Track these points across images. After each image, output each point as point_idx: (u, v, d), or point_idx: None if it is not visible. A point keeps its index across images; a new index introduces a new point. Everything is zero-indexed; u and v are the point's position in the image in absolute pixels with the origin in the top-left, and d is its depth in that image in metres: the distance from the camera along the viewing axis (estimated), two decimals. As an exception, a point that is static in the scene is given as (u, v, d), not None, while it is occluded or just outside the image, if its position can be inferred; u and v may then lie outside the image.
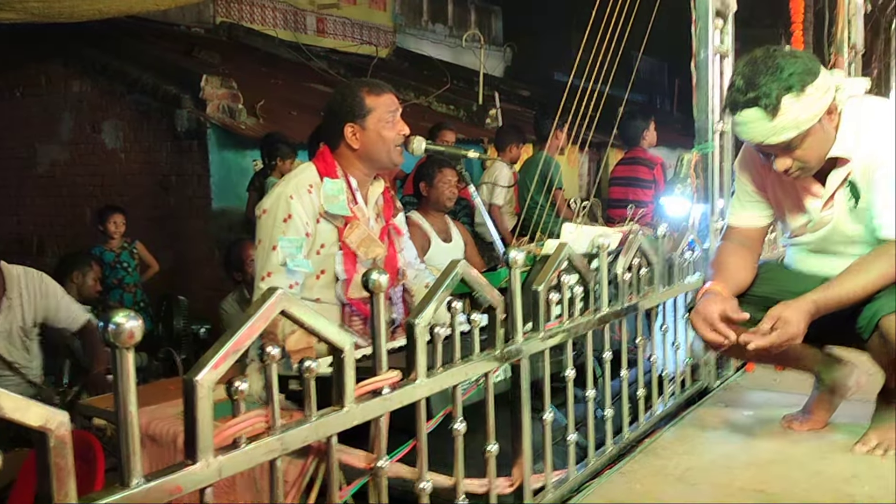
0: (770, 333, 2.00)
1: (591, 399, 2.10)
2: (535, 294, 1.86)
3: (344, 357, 1.31)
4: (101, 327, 1.00)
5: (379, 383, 1.39)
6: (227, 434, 1.13)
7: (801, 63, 1.99)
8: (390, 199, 2.63)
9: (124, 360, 0.99)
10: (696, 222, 2.92)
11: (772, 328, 2.00)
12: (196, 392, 1.07)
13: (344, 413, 1.32)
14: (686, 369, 2.76)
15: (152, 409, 2.40)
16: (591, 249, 2.48)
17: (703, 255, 2.82)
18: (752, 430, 2.43)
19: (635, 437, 2.35)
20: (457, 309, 1.59)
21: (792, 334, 1.98)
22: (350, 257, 2.40)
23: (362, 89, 2.46)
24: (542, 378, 1.91)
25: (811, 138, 2.03)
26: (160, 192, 6.73)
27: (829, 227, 2.21)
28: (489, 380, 1.69)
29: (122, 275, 5.69)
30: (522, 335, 1.80)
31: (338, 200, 2.38)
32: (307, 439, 1.27)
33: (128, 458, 0.99)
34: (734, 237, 2.38)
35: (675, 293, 2.61)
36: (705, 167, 2.95)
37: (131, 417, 0.99)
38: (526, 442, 1.80)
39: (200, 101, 6.41)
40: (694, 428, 2.49)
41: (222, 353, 1.11)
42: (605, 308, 2.17)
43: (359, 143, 2.43)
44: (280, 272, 2.30)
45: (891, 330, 1.98)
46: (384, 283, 1.38)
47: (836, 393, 2.37)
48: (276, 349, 1.21)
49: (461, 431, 1.59)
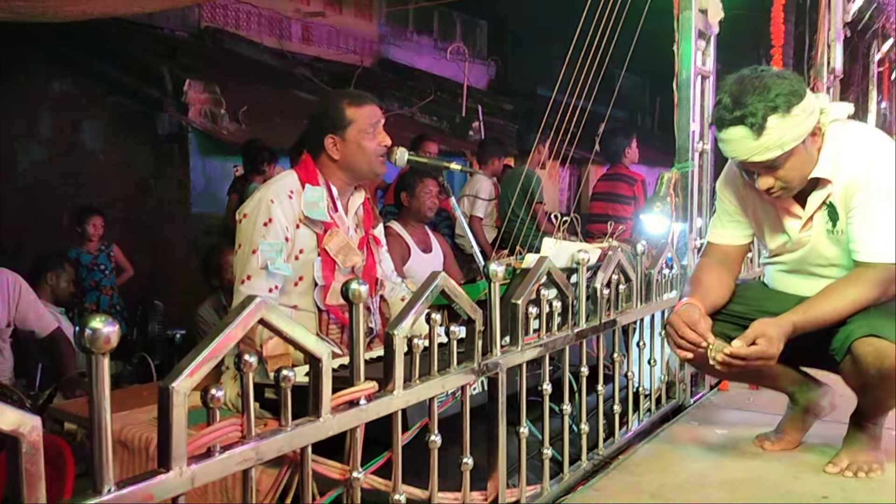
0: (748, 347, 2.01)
1: (566, 414, 2.10)
2: (513, 307, 1.86)
3: (321, 366, 1.30)
4: (76, 332, 0.98)
5: (356, 394, 1.38)
6: (201, 442, 1.12)
7: (788, 84, 2.02)
8: (370, 210, 2.64)
9: (100, 366, 0.98)
10: (674, 240, 2.94)
11: (752, 343, 2.01)
12: (171, 399, 1.06)
13: (320, 423, 1.31)
14: (661, 386, 2.78)
15: (125, 415, 2.38)
16: (570, 264, 2.49)
17: (681, 273, 2.85)
18: (726, 449, 2.45)
19: (610, 454, 2.35)
20: (435, 321, 1.59)
21: (769, 352, 2.00)
22: (329, 264, 2.40)
23: (344, 100, 2.47)
24: (519, 392, 1.91)
25: (794, 158, 2.06)
26: (138, 194, 6.68)
27: (807, 248, 2.24)
28: (466, 393, 1.69)
29: (99, 277, 5.63)
30: (500, 348, 1.80)
31: (318, 207, 2.39)
32: (282, 449, 1.26)
33: (100, 464, 0.98)
34: (713, 254, 2.40)
35: (652, 310, 2.62)
36: (685, 186, 2.97)
37: (105, 424, 0.98)
38: (501, 456, 1.80)
39: (182, 105, 6.39)
40: (668, 445, 2.50)
41: (199, 361, 1.10)
42: (582, 323, 2.18)
43: (339, 153, 2.43)
44: (260, 275, 2.30)
45: (862, 353, 2.01)
46: (363, 294, 1.38)
47: (809, 413, 2.40)
48: (252, 357, 1.20)
49: (437, 444, 1.58)
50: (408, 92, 10.01)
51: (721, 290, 2.31)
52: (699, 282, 2.31)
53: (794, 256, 2.28)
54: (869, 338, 2.00)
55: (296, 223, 2.38)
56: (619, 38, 3.36)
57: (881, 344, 1.98)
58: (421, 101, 9.47)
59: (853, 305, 2.05)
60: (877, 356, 1.99)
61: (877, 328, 2.00)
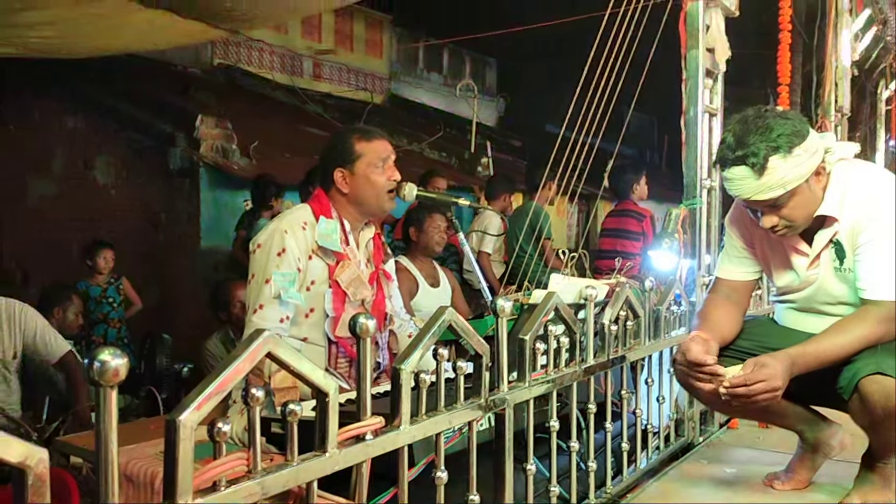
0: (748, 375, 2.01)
1: (574, 451, 2.09)
2: (521, 343, 1.86)
3: (328, 401, 1.30)
4: (85, 364, 0.99)
5: (362, 429, 1.38)
6: (207, 476, 1.12)
7: (791, 125, 2.04)
8: (381, 245, 2.66)
9: (107, 399, 0.98)
10: (682, 276, 2.94)
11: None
12: (178, 432, 1.06)
13: (326, 458, 1.30)
14: (670, 424, 2.76)
15: (131, 449, 2.37)
16: (578, 300, 2.49)
17: (689, 309, 2.84)
18: (735, 488, 2.42)
19: (618, 492, 2.33)
20: (443, 356, 1.59)
21: (768, 380, 1.98)
22: (339, 296, 2.41)
23: (353, 135, 2.51)
24: (526, 428, 1.90)
25: (798, 198, 2.06)
26: (149, 228, 6.73)
27: (815, 286, 2.24)
28: (473, 429, 1.68)
29: (108, 310, 5.65)
30: (507, 384, 1.80)
31: (332, 238, 2.42)
32: (287, 484, 1.25)
33: (107, 497, 0.98)
34: (721, 290, 2.40)
35: (660, 346, 2.61)
36: (693, 222, 2.98)
37: (112, 457, 0.98)
38: (508, 493, 1.79)
39: (194, 140, 6.45)
40: (677, 483, 2.48)
41: (206, 394, 1.10)
42: (590, 359, 2.17)
43: (348, 187, 2.46)
44: (272, 305, 2.31)
45: (869, 392, 1.99)
46: (371, 328, 1.38)
47: (819, 452, 2.37)
48: (260, 391, 1.20)
49: (443, 480, 1.57)
50: (417, 128, 10.08)
51: (730, 326, 2.30)
52: (706, 316, 2.31)
53: (803, 294, 2.28)
54: (876, 376, 1.99)
55: (308, 254, 2.40)
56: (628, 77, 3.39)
57: (888, 382, 1.97)
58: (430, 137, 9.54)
59: (859, 343, 2.04)
60: (883, 395, 1.98)
61: (884, 366, 1.98)
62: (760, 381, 1.98)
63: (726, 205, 3.04)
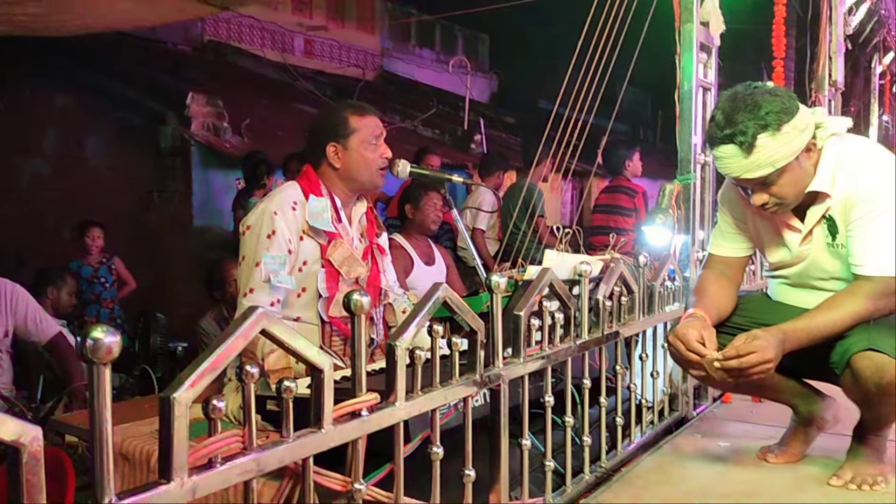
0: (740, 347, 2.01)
1: (569, 426, 2.10)
2: (516, 319, 1.86)
3: (323, 378, 1.30)
4: (78, 342, 0.98)
5: (357, 405, 1.38)
6: (202, 453, 1.12)
7: (780, 102, 2.03)
8: (374, 219, 2.64)
9: (101, 377, 0.98)
10: (676, 252, 2.94)
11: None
12: (172, 410, 1.06)
13: (321, 434, 1.31)
14: (664, 398, 2.77)
15: (126, 428, 2.38)
16: (572, 276, 2.49)
17: (683, 285, 2.84)
18: (728, 461, 2.44)
19: (613, 466, 2.34)
20: (437, 332, 1.59)
21: (760, 352, 1.98)
22: (332, 275, 2.39)
23: (347, 110, 2.48)
24: (521, 404, 1.90)
25: (788, 175, 2.06)
26: (142, 208, 6.70)
27: (807, 261, 2.24)
28: (468, 404, 1.69)
29: (100, 290, 5.64)
30: (503, 360, 1.80)
31: (322, 217, 2.39)
32: (283, 460, 1.25)
33: (101, 475, 0.98)
34: (715, 266, 2.41)
35: (655, 322, 2.62)
36: (687, 198, 2.97)
37: (106, 435, 0.98)
38: (503, 468, 1.79)
39: (185, 119, 6.40)
40: (671, 457, 2.49)
41: (200, 371, 1.10)
42: (585, 335, 2.18)
43: (341, 162, 2.44)
44: (263, 289, 2.29)
45: (861, 367, 2.00)
46: (366, 305, 1.38)
47: (812, 426, 2.39)
48: (254, 368, 1.20)
49: (439, 455, 1.58)
50: (410, 105, 10.04)
51: (725, 301, 2.31)
52: (703, 293, 2.32)
53: (795, 270, 2.29)
54: (868, 352, 1.99)
55: (299, 235, 2.37)
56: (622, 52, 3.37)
57: (880, 358, 1.98)
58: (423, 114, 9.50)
59: (851, 319, 2.05)
60: (875, 371, 1.99)
61: (875, 342, 1.99)
62: (752, 352, 1.99)
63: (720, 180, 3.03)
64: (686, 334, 2.11)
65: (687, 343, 2.11)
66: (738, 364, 2.01)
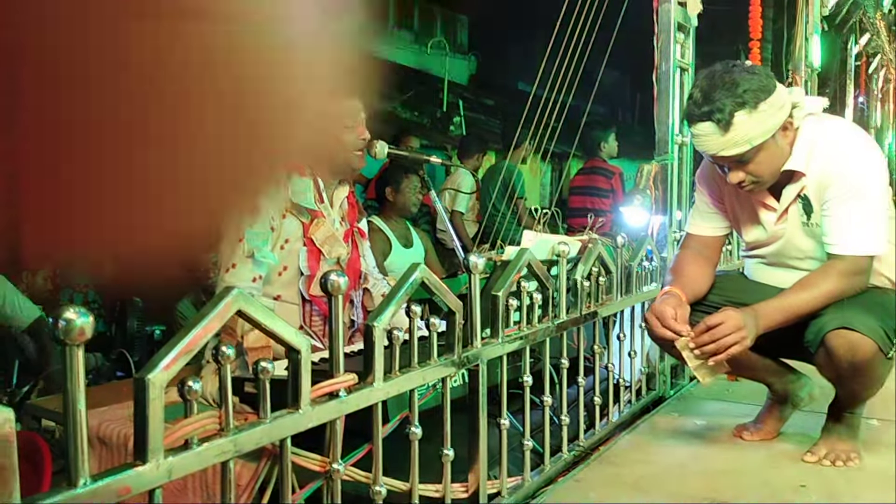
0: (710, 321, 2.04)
1: (547, 406, 2.11)
2: (494, 299, 1.86)
3: (300, 358, 1.29)
4: (50, 324, 0.97)
5: (335, 386, 1.38)
6: (178, 434, 1.11)
7: (757, 80, 2.04)
8: (355, 203, 2.64)
9: (74, 358, 0.97)
10: (654, 232, 2.96)
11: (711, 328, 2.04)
12: (147, 391, 1.05)
13: (299, 415, 1.30)
14: (642, 378, 2.79)
15: (103, 411, 2.35)
16: (551, 256, 2.50)
17: (661, 265, 2.86)
18: (705, 439, 2.46)
19: (591, 445, 2.36)
20: (415, 313, 1.58)
21: (732, 326, 2.01)
22: (314, 254, 2.39)
23: None
24: (500, 384, 1.91)
25: (764, 153, 2.07)
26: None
27: (783, 240, 2.26)
28: (446, 385, 1.69)
29: (73, 272, 5.56)
30: (481, 340, 1.80)
31: (306, 196, 2.39)
32: (260, 441, 1.25)
33: (75, 456, 0.97)
34: (693, 245, 2.42)
35: (632, 302, 2.63)
36: (664, 178, 2.99)
37: (80, 416, 0.97)
38: (482, 448, 1.80)
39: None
40: (648, 436, 2.52)
41: (175, 353, 1.09)
42: (563, 315, 2.18)
43: (319, 145, 2.43)
44: (245, 264, 2.29)
45: (835, 346, 2.03)
46: (343, 286, 1.37)
47: (787, 403, 2.42)
48: (230, 349, 1.19)
49: (417, 436, 1.58)
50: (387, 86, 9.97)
51: (702, 280, 2.33)
52: (679, 272, 2.33)
53: (771, 249, 2.31)
54: (841, 330, 2.02)
55: (282, 213, 2.37)
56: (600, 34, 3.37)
57: (853, 336, 2.00)
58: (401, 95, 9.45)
59: (824, 298, 2.07)
60: (849, 349, 2.01)
61: (849, 320, 2.02)
62: (722, 324, 2.01)
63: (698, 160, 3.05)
64: (663, 311, 2.13)
65: (663, 320, 2.13)
66: (710, 338, 2.03)
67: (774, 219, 2.24)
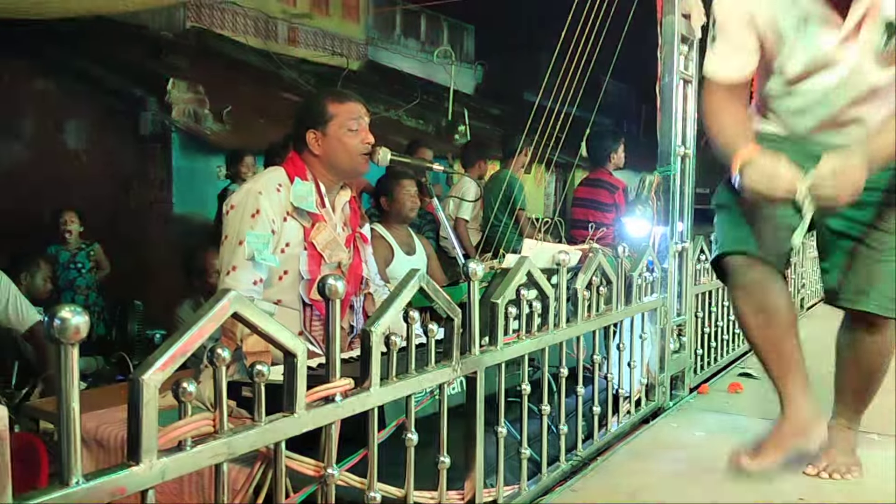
0: None
1: (545, 414, 2.10)
2: (493, 307, 1.86)
3: (296, 362, 1.29)
4: (45, 322, 0.97)
5: (331, 390, 1.37)
6: (171, 435, 1.11)
7: None
8: (357, 209, 2.65)
9: (68, 357, 0.97)
10: (655, 243, 2.95)
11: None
12: (141, 392, 1.05)
13: (294, 419, 1.30)
14: (641, 389, 2.78)
15: (101, 413, 2.36)
16: (550, 265, 2.49)
17: (661, 276, 2.85)
18: (704, 451, 2.45)
19: (588, 455, 2.35)
20: (414, 318, 1.58)
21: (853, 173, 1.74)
22: (315, 258, 2.40)
23: (326, 97, 2.50)
24: (498, 392, 1.90)
25: None
26: (121, 194, 6.64)
27: (845, 69, 1.88)
28: (444, 391, 1.68)
29: (74, 276, 5.58)
30: (479, 348, 1.80)
31: (307, 200, 2.40)
32: (255, 444, 1.25)
33: (68, 455, 0.97)
34: (726, 95, 2.02)
35: (632, 312, 2.62)
36: (667, 189, 2.98)
37: (73, 414, 0.97)
38: (479, 455, 1.80)
39: (166, 105, 6.36)
40: (647, 447, 2.51)
41: (171, 354, 1.09)
42: (563, 324, 2.18)
43: (321, 149, 2.45)
44: (246, 267, 2.29)
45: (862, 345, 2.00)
46: (341, 290, 1.37)
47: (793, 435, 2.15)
48: (226, 351, 1.19)
49: (413, 442, 1.58)
50: (394, 95, 10.00)
51: None
52: (739, 128, 1.96)
53: (821, 85, 1.91)
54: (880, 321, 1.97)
55: (283, 216, 2.38)
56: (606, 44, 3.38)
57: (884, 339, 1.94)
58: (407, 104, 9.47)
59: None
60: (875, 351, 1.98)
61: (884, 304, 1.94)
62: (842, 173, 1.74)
63: (700, 172, 3.06)
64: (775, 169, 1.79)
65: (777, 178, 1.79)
66: (832, 186, 1.74)
67: (838, 40, 1.83)
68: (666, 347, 2.91)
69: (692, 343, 3.17)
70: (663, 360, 2.90)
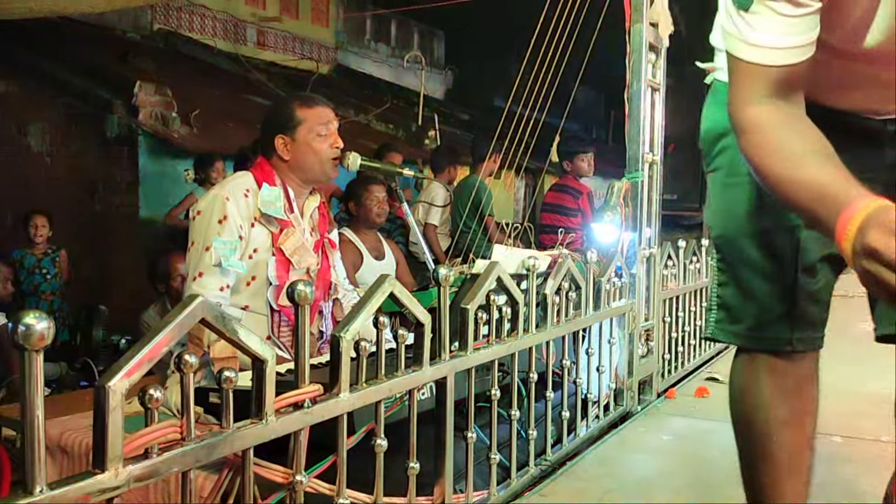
0: None
1: (514, 419, 2.11)
2: (463, 312, 1.86)
3: (265, 368, 1.28)
4: (10, 329, 0.96)
5: (300, 396, 1.37)
6: (137, 443, 1.09)
7: None
8: (326, 214, 2.64)
9: (33, 363, 0.95)
10: (624, 249, 2.98)
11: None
12: (107, 398, 1.04)
13: (262, 426, 1.29)
14: (610, 393, 2.80)
15: (65, 420, 2.32)
16: (520, 270, 2.51)
17: (630, 281, 2.88)
18: (671, 455, 2.48)
19: (558, 459, 2.36)
20: (384, 324, 1.58)
21: None
22: (283, 264, 2.38)
23: (294, 102, 2.49)
24: (468, 397, 1.91)
25: None
26: (86, 198, 6.53)
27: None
28: (413, 397, 1.68)
29: (39, 281, 5.49)
30: (449, 353, 1.80)
31: (275, 206, 2.38)
32: (223, 451, 1.24)
33: (32, 463, 0.95)
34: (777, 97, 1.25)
35: (601, 317, 2.65)
36: (635, 196, 3.01)
37: (38, 422, 0.95)
38: (448, 461, 1.80)
39: (133, 108, 6.27)
40: (615, 451, 2.53)
41: (136, 360, 1.07)
42: (532, 329, 2.19)
43: (289, 154, 2.44)
44: (213, 273, 2.27)
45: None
46: (309, 295, 1.37)
47: None
48: (193, 358, 1.18)
49: (383, 448, 1.57)
50: (364, 99, 9.98)
51: None
52: (824, 161, 1.17)
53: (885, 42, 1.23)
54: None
55: (251, 222, 2.36)
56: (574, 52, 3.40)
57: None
58: (377, 108, 9.46)
59: None
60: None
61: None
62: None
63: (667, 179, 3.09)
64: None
65: None
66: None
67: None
68: (634, 352, 2.93)
69: (660, 348, 3.20)
70: (631, 364, 2.93)
